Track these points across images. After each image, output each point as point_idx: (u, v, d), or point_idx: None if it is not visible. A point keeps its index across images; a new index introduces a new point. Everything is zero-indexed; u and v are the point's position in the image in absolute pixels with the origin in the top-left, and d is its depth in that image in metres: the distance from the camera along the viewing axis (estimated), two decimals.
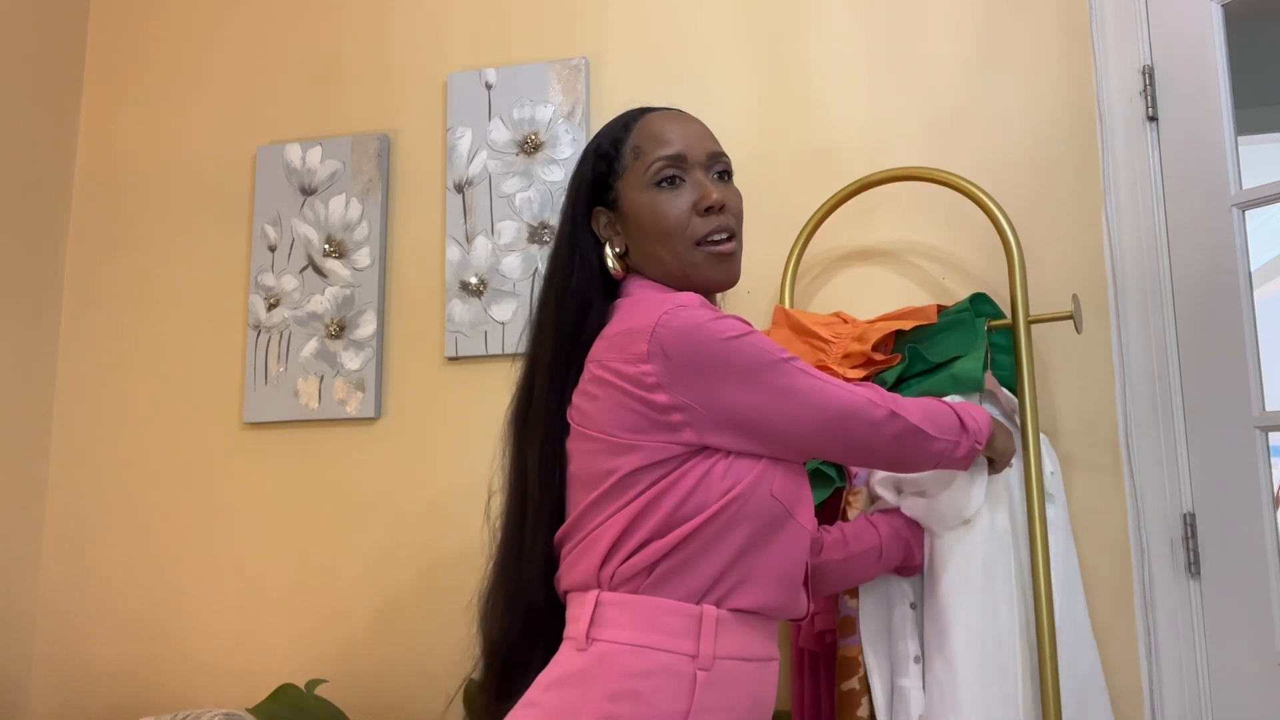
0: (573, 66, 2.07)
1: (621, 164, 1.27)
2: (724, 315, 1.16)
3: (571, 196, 1.31)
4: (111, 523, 2.18)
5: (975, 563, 1.45)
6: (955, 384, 1.56)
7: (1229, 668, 1.61)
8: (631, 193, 1.25)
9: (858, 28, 1.98)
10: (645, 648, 1.10)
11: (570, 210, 1.30)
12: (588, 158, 1.31)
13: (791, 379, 1.15)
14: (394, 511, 2.04)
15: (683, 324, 1.13)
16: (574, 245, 1.28)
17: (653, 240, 1.24)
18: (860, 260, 1.92)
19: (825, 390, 1.17)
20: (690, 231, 1.23)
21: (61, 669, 2.16)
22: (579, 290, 1.26)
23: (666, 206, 1.23)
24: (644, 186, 1.24)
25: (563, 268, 1.28)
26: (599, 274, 1.27)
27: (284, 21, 2.29)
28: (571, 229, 1.29)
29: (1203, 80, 1.72)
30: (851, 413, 1.18)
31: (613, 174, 1.27)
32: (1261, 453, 1.61)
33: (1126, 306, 1.77)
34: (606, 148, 1.29)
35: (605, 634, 1.12)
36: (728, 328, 1.14)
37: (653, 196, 1.23)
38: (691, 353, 1.12)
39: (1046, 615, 1.48)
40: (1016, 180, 1.85)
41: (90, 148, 2.35)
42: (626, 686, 1.08)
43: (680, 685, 1.09)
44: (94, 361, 2.26)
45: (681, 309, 1.14)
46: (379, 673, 1.99)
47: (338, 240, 2.15)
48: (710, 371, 1.12)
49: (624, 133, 1.28)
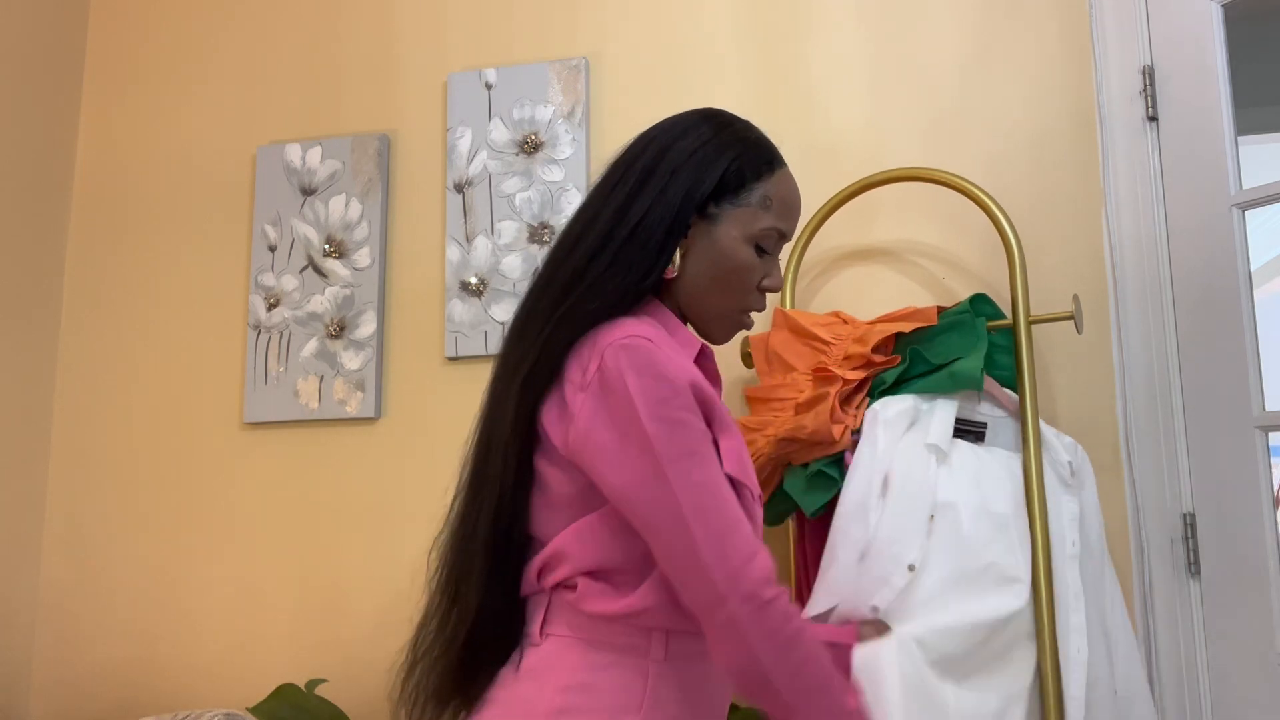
0: (573, 66, 2.07)
1: (748, 196, 1.19)
2: (667, 375, 1.07)
3: (682, 174, 1.18)
4: (111, 523, 2.18)
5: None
6: (955, 383, 1.56)
7: (1229, 668, 1.61)
8: (734, 229, 1.19)
9: (858, 28, 1.98)
10: (598, 640, 1.10)
11: (671, 183, 1.17)
12: (722, 158, 1.19)
13: (686, 475, 1.05)
14: (394, 511, 2.04)
15: (621, 358, 1.07)
16: (658, 222, 1.16)
17: (713, 279, 1.19)
18: (860, 260, 1.92)
19: (717, 510, 1.05)
20: (744, 301, 1.21)
21: (61, 669, 2.16)
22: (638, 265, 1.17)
23: (750, 272, 1.20)
24: (746, 237, 1.19)
25: (646, 240, 1.16)
26: (655, 254, 1.17)
27: (284, 21, 2.29)
28: (676, 211, 1.17)
29: (1203, 80, 1.72)
30: (723, 554, 1.03)
31: (732, 197, 1.19)
32: (1261, 453, 1.61)
33: (1126, 306, 1.77)
34: (746, 169, 1.20)
35: (558, 629, 1.13)
36: (657, 386, 1.06)
37: (748, 253, 1.19)
38: (610, 385, 1.07)
39: (1047, 615, 1.48)
40: (1016, 180, 1.85)
41: (90, 148, 2.35)
42: (579, 679, 1.09)
43: (633, 677, 1.09)
44: (94, 361, 2.26)
45: (634, 340, 1.08)
46: (379, 673, 1.98)
47: (338, 240, 2.15)
48: (617, 413, 1.07)
49: (766, 170, 1.21)
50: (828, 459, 1.57)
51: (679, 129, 1.22)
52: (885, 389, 1.60)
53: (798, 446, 1.57)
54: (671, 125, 1.24)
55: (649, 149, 1.21)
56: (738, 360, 1.86)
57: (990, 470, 1.54)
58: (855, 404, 1.59)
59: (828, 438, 1.54)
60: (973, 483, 1.52)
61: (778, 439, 1.58)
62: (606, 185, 1.21)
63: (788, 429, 1.57)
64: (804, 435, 1.55)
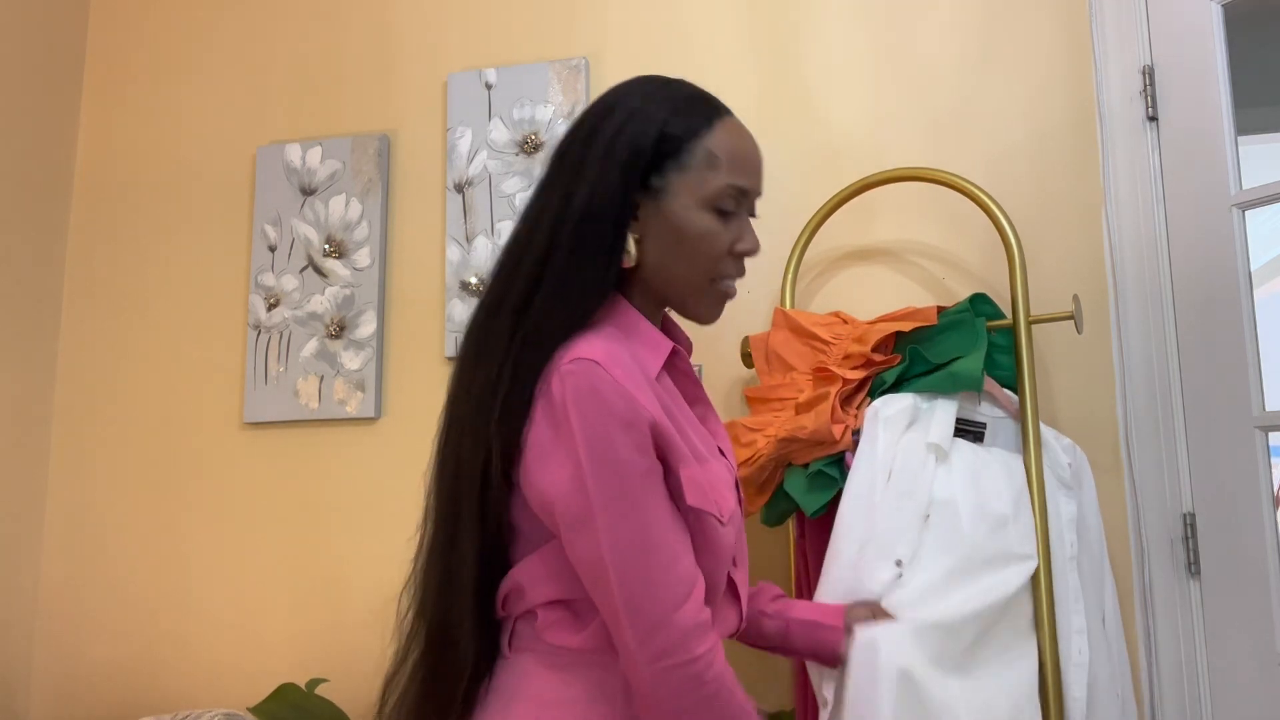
0: (573, 66, 2.07)
1: (689, 159, 1.10)
2: (615, 412, 1.01)
3: (621, 160, 1.09)
4: (111, 523, 2.18)
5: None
6: (955, 383, 1.56)
7: (1229, 668, 1.61)
8: (684, 197, 1.10)
9: (858, 28, 1.98)
10: (568, 649, 1.07)
11: (612, 173, 1.09)
12: (651, 124, 1.10)
13: (613, 522, 0.99)
14: (394, 511, 2.04)
15: (567, 386, 1.02)
16: (601, 213, 1.08)
17: (678, 255, 1.11)
18: (860, 260, 1.92)
19: (640, 559, 0.99)
20: (718, 269, 1.12)
21: (61, 669, 2.16)
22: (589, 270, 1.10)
23: (713, 236, 1.10)
24: (700, 201, 1.10)
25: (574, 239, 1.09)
26: (610, 246, 1.11)
27: (284, 21, 2.29)
28: (608, 193, 1.08)
29: (1203, 80, 1.72)
30: (636, 610, 0.98)
31: (673, 163, 1.10)
32: (1261, 453, 1.61)
33: (1126, 306, 1.77)
34: (678, 130, 1.10)
35: (526, 643, 1.10)
36: (602, 424, 1.00)
37: (704, 217, 1.10)
38: (553, 412, 1.02)
39: (1048, 617, 1.48)
40: (1017, 180, 1.85)
41: (90, 148, 2.35)
42: (548, 696, 1.06)
43: (608, 686, 1.06)
44: (94, 361, 2.26)
45: (582, 366, 1.01)
46: (379, 673, 1.98)
47: (338, 240, 2.15)
48: (558, 439, 1.02)
49: (704, 125, 1.11)
50: (828, 459, 1.57)
51: (605, 106, 1.13)
52: (886, 389, 1.60)
53: (798, 446, 1.57)
54: (598, 103, 1.15)
55: (578, 135, 1.13)
56: (737, 360, 1.86)
57: (989, 470, 1.54)
58: (856, 404, 1.59)
59: (828, 438, 1.54)
60: (971, 482, 1.52)
61: (778, 439, 1.58)
62: (544, 183, 1.14)
63: (788, 429, 1.57)
64: (804, 435, 1.55)
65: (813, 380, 1.62)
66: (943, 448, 1.52)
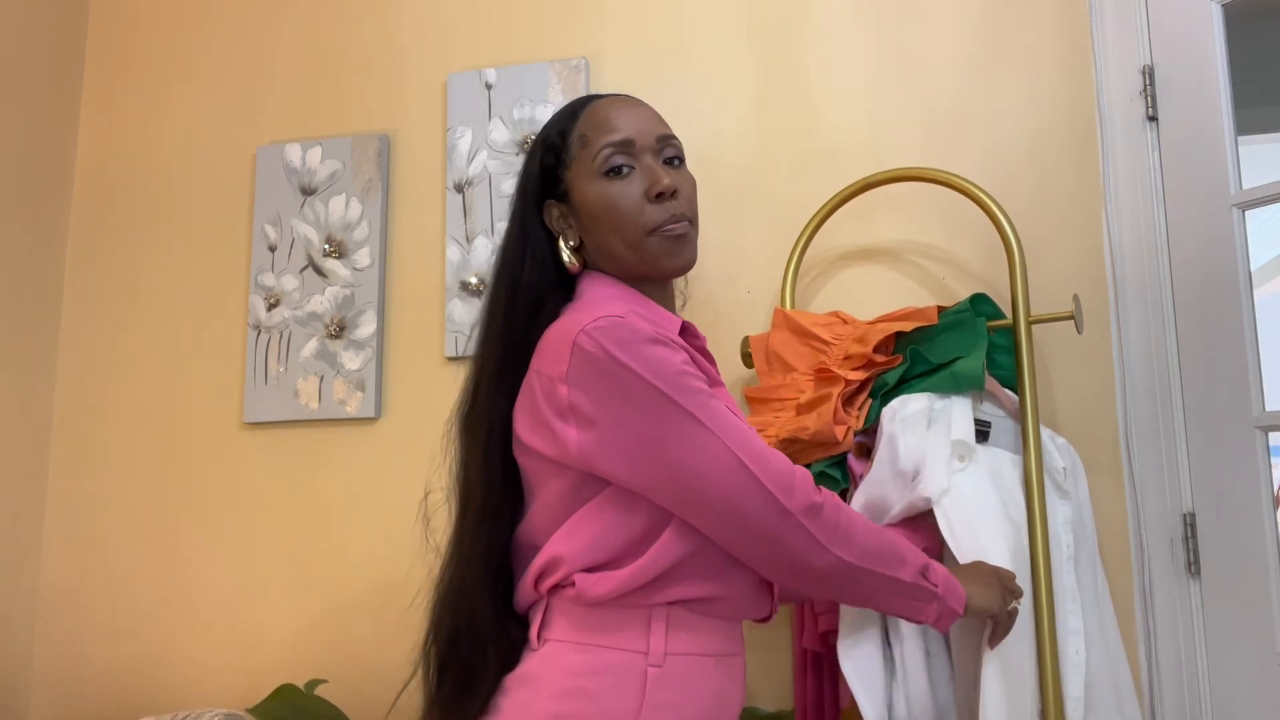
0: (573, 66, 2.07)
1: (569, 154, 1.22)
2: (653, 337, 1.09)
3: (521, 190, 1.26)
4: (111, 523, 2.18)
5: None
6: (956, 383, 1.56)
7: (1229, 668, 1.61)
8: (581, 183, 1.20)
9: (858, 28, 1.98)
10: (593, 645, 1.09)
11: (520, 204, 1.25)
12: (535, 149, 1.26)
13: (715, 416, 1.07)
14: (394, 511, 2.04)
15: (601, 340, 1.08)
16: (525, 240, 1.23)
17: (605, 231, 1.19)
18: (860, 260, 1.92)
19: (750, 437, 1.08)
20: (643, 220, 1.18)
21: (61, 669, 2.16)
22: (531, 286, 1.21)
23: (617, 196, 1.18)
24: (593, 176, 1.19)
25: (513, 262, 1.23)
26: (553, 269, 1.22)
27: (284, 21, 2.29)
28: (522, 224, 1.24)
29: (1203, 80, 1.72)
30: (765, 474, 1.06)
31: (561, 165, 1.22)
32: (1261, 453, 1.61)
33: (1126, 306, 1.77)
34: (554, 138, 1.24)
35: (554, 634, 1.11)
36: (649, 350, 1.08)
37: (602, 186, 1.18)
38: (603, 369, 1.07)
39: (1048, 614, 1.48)
40: (1016, 180, 1.85)
41: (90, 148, 2.35)
42: (575, 685, 1.07)
43: (630, 682, 1.07)
44: (94, 361, 2.26)
45: (608, 320, 1.09)
46: (379, 673, 1.98)
47: (338, 240, 2.15)
48: (619, 393, 1.07)
49: (570, 121, 1.24)
50: (830, 460, 1.56)
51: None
52: (888, 390, 1.60)
53: (800, 448, 1.57)
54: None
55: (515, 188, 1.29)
56: (737, 360, 1.86)
57: (1000, 470, 1.54)
58: (857, 405, 1.59)
59: (831, 439, 1.54)
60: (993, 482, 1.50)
61: (779, 440, 1.57)
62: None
63: (790, 430, 1.57)
64: (806, 436, 1.55)
65: (814, 381, 1.62)
66: (969, 443, 1.51)
